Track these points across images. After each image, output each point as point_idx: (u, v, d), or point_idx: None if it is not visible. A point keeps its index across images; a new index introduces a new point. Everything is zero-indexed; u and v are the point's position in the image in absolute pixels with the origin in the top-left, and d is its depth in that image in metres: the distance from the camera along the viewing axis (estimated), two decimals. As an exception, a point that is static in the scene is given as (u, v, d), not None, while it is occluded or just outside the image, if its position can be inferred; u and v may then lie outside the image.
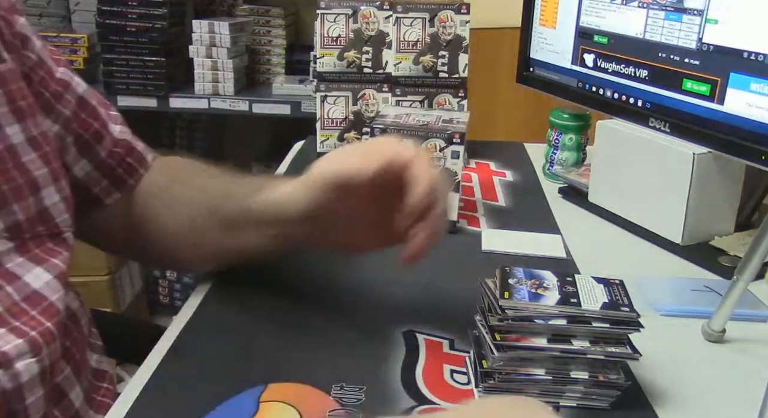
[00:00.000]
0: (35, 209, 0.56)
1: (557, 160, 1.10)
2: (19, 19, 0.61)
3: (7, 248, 0.53)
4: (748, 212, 0.91)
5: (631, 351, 0.54)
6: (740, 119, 0.77)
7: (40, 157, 0.57)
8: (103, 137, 0.68)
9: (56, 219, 0.58)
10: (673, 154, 0.84)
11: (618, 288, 0.58)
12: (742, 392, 0.58)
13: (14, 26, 0.60)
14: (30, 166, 0.56)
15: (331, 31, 1.15)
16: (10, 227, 0.53)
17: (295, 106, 2.13)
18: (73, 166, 0.67)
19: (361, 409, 0.53)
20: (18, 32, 0.61)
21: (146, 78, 2.13)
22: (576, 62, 1.01)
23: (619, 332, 0.54)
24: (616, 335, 0.55)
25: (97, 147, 0.68)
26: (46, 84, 0.63)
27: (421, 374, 0.58)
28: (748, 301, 0.71)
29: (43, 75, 0.63)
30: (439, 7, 1.15)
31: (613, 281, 0.59)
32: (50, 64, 0.64)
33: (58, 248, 0.58)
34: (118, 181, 0.70)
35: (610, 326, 0.54)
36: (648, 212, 0.90)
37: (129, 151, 0.71)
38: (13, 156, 0.54)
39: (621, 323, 0.54)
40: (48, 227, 0.57)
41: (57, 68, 0.65)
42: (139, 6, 2.09)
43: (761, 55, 0.73)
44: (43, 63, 0.63)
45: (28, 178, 0.55)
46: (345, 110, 1.17)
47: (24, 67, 0.60)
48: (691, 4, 0.81)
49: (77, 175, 0.67)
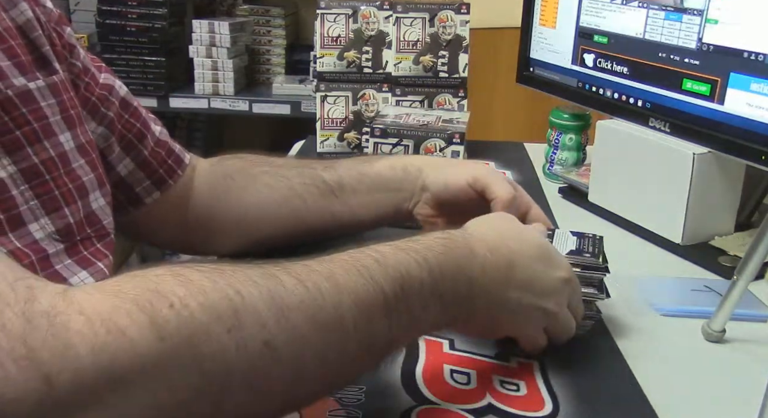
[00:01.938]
0: (84, 212, 0.57)
1: (557, 160, 1.10)
2: (66, 29, 0.63)
3: (58, 250, 0.54)
4: (748, 212, 0.91)
5: (598, 292, 0.62)
6: (740, 119, 0.77)
7: (87, 163, 0.59)
8: (145, 137, 0.71)
9: (103, 222, 0.60)
10: (673, 154, 0.84)
11: (589, 240, 0.65)
12: (742, 392, 0.58)
13: (63, 37, 0.62)
14: (79, 172, 0.57)
15: (331, 31, 1.15)
16: (61, 229, 0.55)
17: (295, 106, 2.13)
18: (117, 165, 0.69)
19: (361, 409, 0.53)
20: (66, 42, 0.63)
21: (146, 78, 2.13)
22: (576, 62, 1.01)
23: (586, 275, 0.62)
24: (584, 278, 0.62)
25: (139, 146, 0.70)
26: (92, 90, 0.65)
27: (421, 374, 0.58)
28: (748, 301, 0.71)
29: (88, 81, 0.65)
30: (439, 7, 1.15)
31: (587, 235, 0.66)
32: (94, 71, 0.66)
33: (105, 249, 0.59)
34: (159, 181, 0.72)
35: (581, 270, 0.61)
36: (648, 212, 0.90)
37: (169, 153, 0.73)
38: (65, 163, 0.56)
39: (589, 267, 0.62)
40: (96, 229, 0.59)
41: (100, 74, 0.67)
42: (139, 6, 2.09)
43: (761, 55, 0.74)
44: (87, 70, 0.65)
45: (78, 184, 0.57)
46: (345, 110, 1.17)
47: (71, 75, 0.62)
48: (691, 4, 0.81)
49: (121, 173, 0.69)
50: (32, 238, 0.52)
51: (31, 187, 0.52)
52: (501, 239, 0.55)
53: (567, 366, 0.60)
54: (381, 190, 0.76)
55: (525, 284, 0.55)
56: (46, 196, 0.53)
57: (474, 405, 0.54)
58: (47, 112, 0.55)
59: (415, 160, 0.78)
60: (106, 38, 2.11)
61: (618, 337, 0.65)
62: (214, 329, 0.37)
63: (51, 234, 0.53)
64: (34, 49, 0.57)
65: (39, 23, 0.58)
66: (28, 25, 0.57)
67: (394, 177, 0.76)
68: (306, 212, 0.75)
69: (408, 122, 1.01)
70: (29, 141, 0.53)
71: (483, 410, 0.54)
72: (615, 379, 0.59)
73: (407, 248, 0.49)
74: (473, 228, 0.57)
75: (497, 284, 0.53)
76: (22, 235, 0.51)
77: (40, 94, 0.55)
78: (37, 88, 0.54)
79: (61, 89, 0.58)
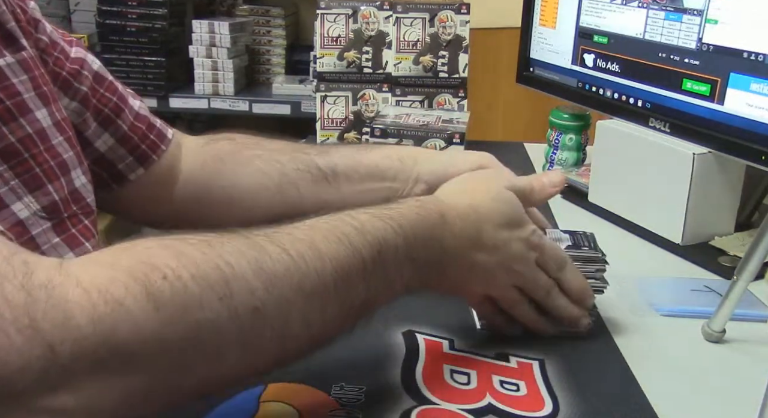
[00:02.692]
0: (68, 189, 0.57)
1: (557, 160, 1.10)
2: (30, 3, 0.62)
3: (45, 228, 0.54)
4: (748, 212, 0.91)
5: (601, 283, 0.65)
6: (740, 119, 0.77)
7: (65, 140, 0.58)
8: (122, 111, 0.70)
9: (87, 199, 0.59)
10: (673, 154, 0.84)
11: (581, 236, 0.67)
12: (742, 392, 0.58)
13: (27, 12, 0.61)
14: (59, 148, 0.57)
15: (331, 31, 1.15)
16: (47, 206, 0.54)
17: (295, 106, 2.13)
18: (94, 140, 0.67)
19: (361, 409, 0.53)
20: (31, 17, 0.61)
21: (146, 78, 2.13)
22: (576, 62, 1.01)
23: (588, 268, 0.64)
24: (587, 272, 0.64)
25: (117, 121, 0.69)
26: (62, 64, 0.64)
27: (421, 374, 0.58)
28: (748, 301, 0.71)
29: (57, 55, 0.63)
30: (439, 7, 1.15)
31: (578, 232, 0.68)
32: (63, 45, 0.65)
33: (92, 227, 0.59)
34: (142, 156, 0.71)
35: (582, 264, 0.64)
36: (648, 211, 0.90)
37: (150, 127, 0.72)
38: (44, 139, 0.55)
39: (589, 260, 0.64)
40: (81, 207, 0.58)
41: (71, 48, 0.66)
42: (139, 6, 2.09)
43: (761, 55, 0.74)
44: (55, 44, 0.64)
45: (59, 160, 0.56)
46: (345, 110, 1.17)
47: (38, 51, 0.61)
48: (691, 4, 0.81)
49: (100, 149, 0.68)
50: (16, 218, 0.51)
51: (11, 167, 0.51)
52: (471, 206, 0.59)
53: (567, 366, 0.60)
54: (375, 179, 0.75)
55: (491, 248, 0.58)
56: (26, 175, 0.52)
57: (474, 405, 0.54)
58: (20, 88, 0.54)
59: (410, 151, 0.78)
60: (106, 38, 2.11)
61: (618, 337, 0.65)
62: (206, 298, 0.39)
63: (37, 212, 0.53)
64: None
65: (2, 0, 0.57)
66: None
67: (390, 167, 0.75)
68: (299, 198, 0.75)
69: (408, 122, 1.01)
70: (3, 120, 0.51)
71: (483, 410, 0.54)
72: (615, 379, 0.59)
73: (383, 215, 0.52)
74: (445, 194, 0.61)
75: (465, 249, 0.57)
76: (5, 217, 0.50)
77: (11, 70, 0.53)
78: (6, 65, 0.53)
79: (32, 65, 0.56)
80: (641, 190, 0.91)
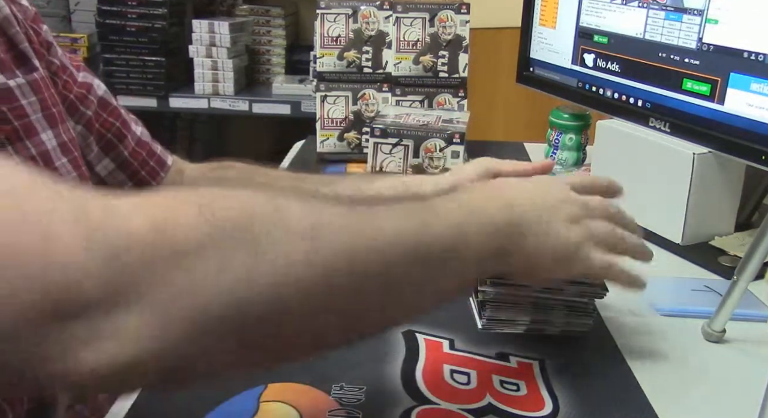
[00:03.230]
0: None
1: (557, 160, 1.10)
2: (43, 26, 0.63)
3: None
4: (748, 212, 0.91)
5: (601, 289, 0.62)
6: (740, 119, 0.77)
7: (70, 161, 0.59)
8: (125, 137, 0.70)
9: None
10: (673, 154, 0.84)
11: None
12: (742, 392, 0.58)
13: (41, 34, 0.62)
14: (62, 170, 0.57)
15: (331, 30, 1.15)
16: None
17: (295, 106, 2.13)
18: (96, 164, 0.68)
19: (361, 409, 0.53)
20: (44, 40, 0.62)
21: (146, 78, 2.13)
22: (576, 62, 1.01)
23: None
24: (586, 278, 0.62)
25: (119, 146, 0.70)
26: (70, 88, 0.65)
27: (421, 374, 0.58)
28: (748, 301, 0.71)
29: (66, 79, 0.64)
30: (439, 7, 1.15)
31: None
32: (72, 69, 0.66)
33: None
34: (141, 182, 0.72)
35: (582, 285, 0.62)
36: (648, 211, 0.89)
37: (150, 154, 0.73)
38: (47, 161, 0.56)
39: None
40: None
41: (78, 73, 0.67)
42: (139, 6, 2.09)
43: (761, 55, 0.74)
44: (65, 68, 0.65)
45: None
46: (345, 110, 1.17)
47: (50, 73, 0.62)
48: (691, 4, 0.81)
49: (101, 174, 0.69)
50: None
51: None
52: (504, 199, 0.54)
53: (567, 366, 0.60)
54: None
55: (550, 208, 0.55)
56: None
57: (474, 405, 0.54)
58: (28, 110, 0.55)
59: (415, 177, 0.78)
60: (106, 38, 2.11)
61: (618, 337, 0.65)
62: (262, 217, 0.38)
63: None
64: (12, 46, 0.56)
65: (16, 20, 0.58)
66: (5, 22, 0.57)
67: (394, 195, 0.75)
68: None
69: (408, 122, 1.01)
70: (10, 140, 0.52)
71: (483, 410, 0.54)
72: (615, 379, 0.59)
73: None
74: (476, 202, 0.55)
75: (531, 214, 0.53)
76: None
77: (21, 91, 0.54)
78: (17, 86, 0.54)
79: (42, 87, 0.57)
80: (641, 190, 0.91)
